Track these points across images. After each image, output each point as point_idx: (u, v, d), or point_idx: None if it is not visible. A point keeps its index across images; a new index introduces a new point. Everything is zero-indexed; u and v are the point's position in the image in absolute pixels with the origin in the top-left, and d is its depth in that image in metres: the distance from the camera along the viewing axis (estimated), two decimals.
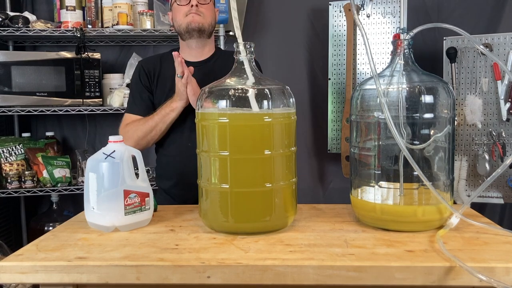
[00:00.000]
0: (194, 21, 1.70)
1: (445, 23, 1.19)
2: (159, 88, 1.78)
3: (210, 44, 1.83)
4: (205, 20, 1.73)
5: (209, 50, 1.82)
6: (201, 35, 1.74)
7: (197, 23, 1.71)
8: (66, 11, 2.52)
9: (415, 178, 1.19)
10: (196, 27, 1.71)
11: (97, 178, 1.21)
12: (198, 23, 1.71)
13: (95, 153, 1.26)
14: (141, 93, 1.78)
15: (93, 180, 1.21)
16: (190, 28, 1.71)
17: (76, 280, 0.99)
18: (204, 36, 1.76)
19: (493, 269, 0.95)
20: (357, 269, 0.97)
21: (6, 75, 2.45)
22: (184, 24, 1.72)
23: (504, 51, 2.28)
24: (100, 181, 1.20)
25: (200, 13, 1.71)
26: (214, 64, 1.80)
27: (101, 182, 1.20)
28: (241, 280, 0.98)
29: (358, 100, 1.26)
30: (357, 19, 1.22)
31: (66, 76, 2.52)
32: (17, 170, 2.58)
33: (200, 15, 1.71)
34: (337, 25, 2.62)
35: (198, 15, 1.71)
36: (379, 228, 1.21)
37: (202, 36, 1.75)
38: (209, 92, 1.21)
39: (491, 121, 2.30)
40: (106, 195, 1.20)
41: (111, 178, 1.20)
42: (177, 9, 1.74)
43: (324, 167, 2.89)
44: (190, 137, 1.72)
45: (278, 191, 1.18)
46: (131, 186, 1.23)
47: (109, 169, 1.20)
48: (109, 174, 1.20)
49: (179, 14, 1.73)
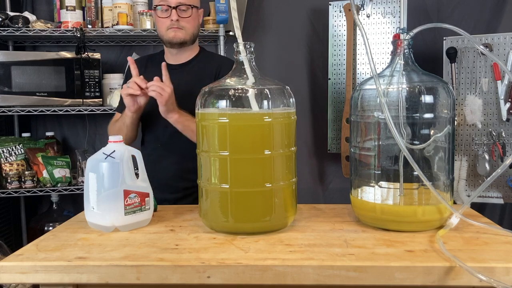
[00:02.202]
0: (176, 37, 1.70)
1: (445, 23, 1.19)
2: None
3: (193, 47, 1.82)
4: (187, 33, 1.72)
5: (192, 52, 1.81)
6: (183, 46, 1.75)
7: (179, 38, 1.70)
8: (66, 11, 2.52)
9: (415, 178, 1.19)
10: (178, 42, 1.71)
11: (97, 178, 1.21)
12: (180, 39, 1.71)
13: (95, 153, 1.26)
14: None
15: (93, 180, 1.21)
16: (172, 42, 1.72)
17: (76, 280, 0.99)
18: (187, 45, 1.76)
19: (493, 269, 0.95)
20: (357, 269, 0.97)
21: (6, 75, 2.45)
22: (165, 37, 1.72)
23: (504, 51, 2.28)
24: (100, 181, 1.20)
25: (181, 27, 1.69)
26: (194, 66, 1.80)
27: (101, 182, 1.20)
28: (241, 280, 0.98)
29: (358, 100, 1.26)
30: (357, 19, 1.22)
31: (66, 76, 2.52)
32: (17, 170, 2.58)
33: (181, 28, 1.70)
34: (337, 25, 2.62)
35: (180, 29, 1.69)
36: (379, 228, 1.21)
37: (184, 46, 1.75)
38: (209, 92, 1.21)
39: (491, 121, 2.30)
40: (106, 195, 1.20)
41: (111, 178, 1.20)
42: (158, 19, 1.73)
43: (324, 167, 2.89)
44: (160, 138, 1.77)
45: (278, 191, 1.18)
46: (131, 186, 1.23)
47: (109, 169, 1.20)
48: (109, 174, 1.20)
49: (160, 26, 1.73)
